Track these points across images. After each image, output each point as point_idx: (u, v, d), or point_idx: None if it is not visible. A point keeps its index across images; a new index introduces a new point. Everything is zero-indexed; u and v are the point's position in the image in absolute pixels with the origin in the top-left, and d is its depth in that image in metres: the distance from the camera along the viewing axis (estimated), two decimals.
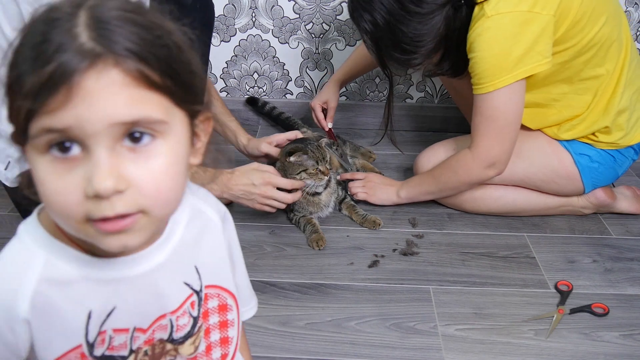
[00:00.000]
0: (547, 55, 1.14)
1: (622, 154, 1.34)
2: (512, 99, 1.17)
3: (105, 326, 0.55)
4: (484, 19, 1.11)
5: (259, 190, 1.28)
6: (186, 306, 0.61)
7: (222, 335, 0.67)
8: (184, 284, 0.60)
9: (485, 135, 1.22)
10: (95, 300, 0.53)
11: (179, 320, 0.61)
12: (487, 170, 1.25)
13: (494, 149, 1.22)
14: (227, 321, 0.67)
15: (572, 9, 1.13)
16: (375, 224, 1.39)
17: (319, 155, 1.33)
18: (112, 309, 0.54)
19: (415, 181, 1.43)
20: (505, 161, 1.25)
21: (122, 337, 0.57)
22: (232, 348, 0.69)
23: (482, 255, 1.30)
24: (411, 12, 1.13)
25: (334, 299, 1.16)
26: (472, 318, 1.12)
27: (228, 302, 0.66)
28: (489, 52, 1.13)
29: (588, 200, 1.41)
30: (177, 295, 0.60)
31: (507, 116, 1.19)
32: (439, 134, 1.88)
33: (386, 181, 1.48)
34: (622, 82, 1.26)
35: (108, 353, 0.57)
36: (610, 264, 1.28)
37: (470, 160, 1.26)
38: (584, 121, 1.30)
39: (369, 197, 1.45)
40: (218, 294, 0.65)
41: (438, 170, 1.35)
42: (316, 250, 1.31)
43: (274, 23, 1.82)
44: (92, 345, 0.54)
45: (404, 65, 1.27)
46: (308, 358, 1.02)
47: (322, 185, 1.37)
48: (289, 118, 1.86)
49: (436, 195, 1.41)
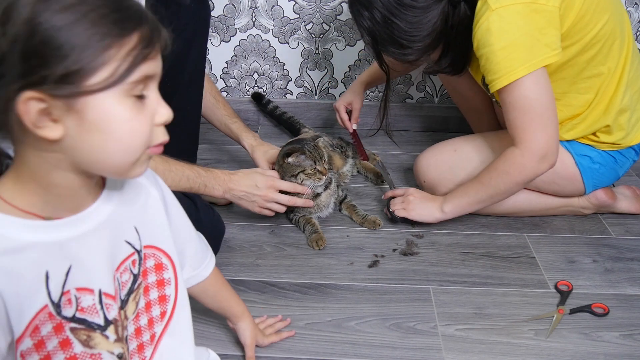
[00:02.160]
0: (555, 48, 1.12)
1: (623, 154, 1.34)
2: (540, 84, 1.13)
3: (68, 286, 0.60)
4: (489, 13, 1.10)
5: (261, 192, 1.26)
6: (127, 263, 0.67)
7: (159, 294, 0.73)
8: (125, 242, 0.67)
9: (526, 128, 1.16)
10: (50, 262, 0.58)
11: (122, 276, 0.66)
12: (540, 163, 1.18)
13: (541, 139, 1.16)
14: (164, 280, 0.73)
15: (576, 3, 1.13)
16: (375, 224, 1.39)
17: (317, 155, 1.33)
18: (69, 267, 0.60)
19: (459, 192, 1.32)
20: (555, 150, 1.17)
21: (89, 299, 0.62)
22: (169, 306, 0.75)
23: (482, 255, 1.30)
24: (406, 6, 1.13)
25: (334, 299, 1.16)
26: (472, 318, 1.12)
27: (163, 261, 0.72)
28: (499, 45, 1.11)
29: (588, 200, 1.41)
30: (120, 252, 0.66)
31: (542, 101, 1.14)
32: (439, 134, 1.88)
33: (427, 196, 1.39)
34: (623, 81, 1.26)
35: (80, 315, 0.62)
36: (610, 264, 1.28)
37: (520, 157, 1.18)
38: (585, 120, 1.29)
39: (408, 213, 1.36)
40: (154, 253, 0.71)
41: (485, 176, 1.26)
42: (316, 250, 1.31)
43: (274, 23, 1.82)
44: (58, 305, 0.59)
45: (400, 60, 1.26)
46: (308, 358, 1.02)
47: (322, 185, 1.37)
48: (291, 118, 1.86)
49: (487, 203, 1.30)
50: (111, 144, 0.55)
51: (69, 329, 0.61)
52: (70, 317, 0.61)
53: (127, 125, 0.55)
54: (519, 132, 1.17)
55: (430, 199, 1.37)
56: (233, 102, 1.89)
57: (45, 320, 0.59)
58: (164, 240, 0.73)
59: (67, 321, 0.61)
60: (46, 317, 0.59)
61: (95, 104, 0.53)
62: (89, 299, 0.62)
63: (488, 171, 1.26)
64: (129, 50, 0.53)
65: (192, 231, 0.83)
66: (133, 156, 0.57)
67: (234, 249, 1.31)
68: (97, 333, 0.63)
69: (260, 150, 1.42)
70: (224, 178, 1.24)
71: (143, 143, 0.57)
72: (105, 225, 0.63)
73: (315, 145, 1.35)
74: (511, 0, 1.09)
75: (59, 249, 0.59)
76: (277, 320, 1.08)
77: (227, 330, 1.06)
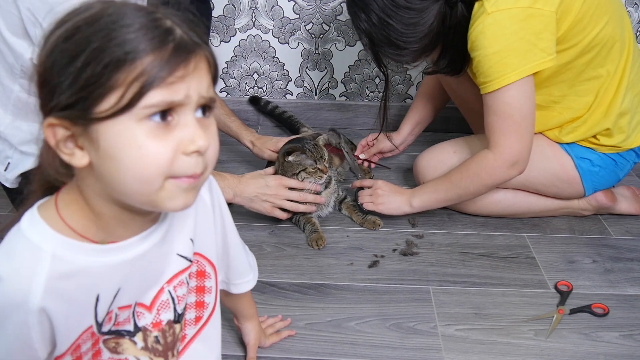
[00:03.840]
0: (551, 53, 1.13)
1: (623, 157, 1.33)
2: (523, 93, 1.15)
3: (113, 306, 0.61)
4: (485, 16, 1.10)
5: (272, 191, 1.28)
6: (183, 276, 0.67)
7: (197, 299, 0.73)
8: (178, 255, 0.66)
9: (503, 133, 1.18)
10: (101, 286, 0.58)
11: (176, 290, 0.67)
12: (510, 169, 1.21)
13: (515, 146, 1.18)
14: (204, 287, 0.73)
15: (574, 7, 1.13)
16: (375, 225, 1.39)
17: (317, 154, 1.33)
18: (118, 290, 0.60)
19: (429, 188, 1.34)
20: (526, 158, 1.21)
21: (126, 313, 0.63)
22: (206, 312, 0.75)
23: (482, 256, 1.30)
24: (402, 7, 1.13)
25: (334, 299, 1.16)
26: (472, 318, 1.12)
27: (207, 269, 0.72)
28: (492, 49, 1.12)
29: (588, 202, 1.41)
30: (171, 265, 0.66)
31: (522, 111, 1.16)
32: (439, 134, 1.88)
33: (395, 189, 1.39)
34: (623, 84, 1.25)
35: (114, 328, 0.63)
36: (610, 264, 1.28)
37: (493, 161, 1.21)
38: (585, 123, 1.29)
39: (376, 206, 1.37)
40: (198, 260, 0.71)
41: (456, 176, 1.28)
42: (316, 250, 1.31)
43: (273, 23, 1.82)
44: (101, 324, 0.60)
45: (397, 61, 1.26)
46: (308, 358, 1.02)
47: (323, 184, 1.37)
48: (291, 117, 1.86)
49: (455, 201, 1.34)
50: (122, 171, 0.52)
51: (102, 341, 0.62)
52: (106, 332, 0.62)
53: (136, 152, 0.51)
54: (496, 136, 1.19)
55: (399, 193, 1.38)
56: (233, 103, 1.90)
57: (87, 339, 0.60)
58: (210, 248, 0.73)
59: (103, 335, 0.61)
60: (89, 336, 0.60)
61: (107, 130, 0.51)
62: (126, 313, 0.63)
63: (460, 171, 1.27)
64: (137, 75, 0.50)
65: (238, 240, 0.83)
66: (150, 185, 0.53)
67: None
68: (125, 339, 0.64)
69: (260, 142, 1.47)
70: (234, 181, 1.26)
71: (158, 171, 0.53)
72: (159, 245, 0.62)
73: (315, 144, 1.35)
74: (508, 4, 1.10)
75: (111, 272, 0.58)
76: (277, 320, 1.08)
77: (227, 330, 1.06)
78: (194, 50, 0.53)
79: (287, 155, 1.33)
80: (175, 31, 0.52)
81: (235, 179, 1.26)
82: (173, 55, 0.51)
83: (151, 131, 0.51)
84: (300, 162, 1.32)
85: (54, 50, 0.51)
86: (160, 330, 0.66)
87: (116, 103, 0.50)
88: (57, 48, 0.50)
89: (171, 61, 0.51)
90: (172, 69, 0.51)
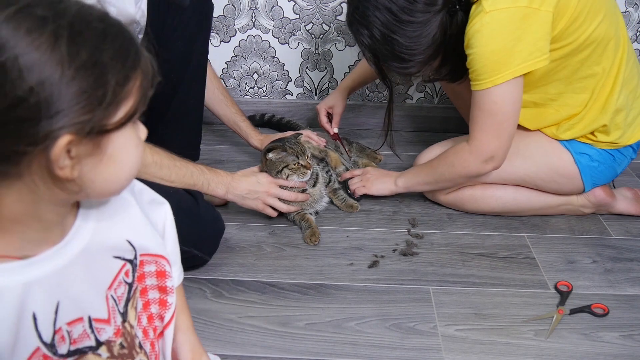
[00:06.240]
0: (545, 52, 1.14)
1: (621, 152, 1.34)
2: (511, 94, 1.17)
3: (59, 323, 0.57)
4: (482, 15, 1.11)
5: (264, 188, 1.30)
6: (120, 277, 0.65)
7: (161, 297, 0.72)
8: (114, 257, 0.64)
9: (483, 129, 1.22)
10: (34, 303, 0.54)
11: (116, 292, 0.65)
12: (484, 164, 1.25)
13: (492, 144, 1.22)
14: (166, 287, 0.71)
15: (570, 6, 1.13)
16: (352, 208, 1.45)
17: (298, 150, 1.35)
18: (57, 304, 0.56)
19: (414, 171, 1.44)
20: (502, 156, 1.25)
21: (79, 327, 0.59)
22: (168, 313, 0.72)
23: (482, 256, 1.30)
24: (405, 22, 1.13)
25: (333, 299, 1.16)
26: (472, 318, 1.12)
27: (166, 269, 0.71)
28: (487, 47, 1.12)
29: (587, 199, 1.41)
30: (111, 270, 0.64)
31: (506, 111, 1.19)
32: (439, 134, 1.88)
33: (383, 172, 1.50)
34: (619, 81, 1.26)
35: (73, 347, 0.59)
36: (610, 265, 1.28)
37: (468, 154, 1.26)
38: (582, 120, 1.30)
39: (367, 189, 1.46)
40: (156, 260, 0.70)
41: (436, 162, 1.36)
42: (316, 250, 1.31)
43: (273, 23, 1.82)
44: (52, 345, 0.56)
45: (403, 74, 1.28)
46: (308, 358, 1.02)
47: (311, 181, 1.40)
48: (290, 122, 1.86)
49: (432, 186, 1.41)
50: (125, 171, 0.56)
51: None
52: (66, 354, 0.58)
53: (136, 151, 0.57)
54: (476, 131, 1.23)
55: (387, 175, 1.48)
56: None
57: None
58: (159, 244, 0.71)
59: (63, 358, 0.58)
60: (41, 359, 0.56)
61: (115, 138, 0.53)
62: (79, 328, 0.60)
63: (439, 158, 1.36)
64: (141, 81, 0.53)
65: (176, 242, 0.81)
66: (134, 177, 0.59)
67: (234, 249, 1.31)
68: (89, 355, 0.61)
69: (268, 140, 1.50)
70: (227, 178, 1.27)
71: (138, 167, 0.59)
72: (88, 250, 0.60)
73: (296, 142, 1.39)
74: (506, 4, 1.10)
75: (41, 286, 0.55)
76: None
77: (227, 330, 1.06)
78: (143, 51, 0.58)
79: (267, 153, 1.34)
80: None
81: (228, 175, 1.27)
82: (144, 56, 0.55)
83: (134, 130, 0.57)
84: (282, 159, 1.34)
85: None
86: (122, 335, 0.65)
87: (129, 111, 0.53)
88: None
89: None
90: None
